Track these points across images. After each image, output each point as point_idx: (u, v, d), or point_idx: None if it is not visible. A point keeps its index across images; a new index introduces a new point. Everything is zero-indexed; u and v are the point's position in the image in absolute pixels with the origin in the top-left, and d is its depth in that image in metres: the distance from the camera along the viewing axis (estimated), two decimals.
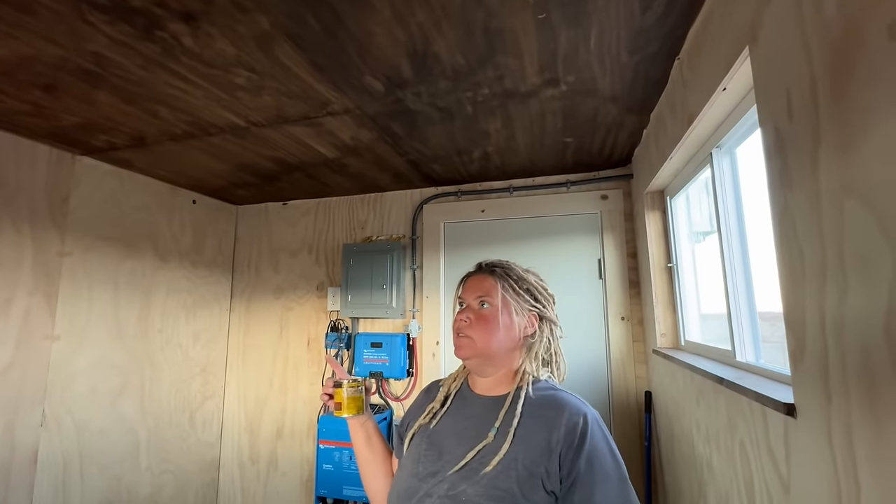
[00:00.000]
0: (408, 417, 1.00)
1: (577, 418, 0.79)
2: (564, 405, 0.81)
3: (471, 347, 0.88)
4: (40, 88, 1.39)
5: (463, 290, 0.95)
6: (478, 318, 0.89)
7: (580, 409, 0.81)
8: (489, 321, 0.88)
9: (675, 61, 1.28)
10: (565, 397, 0.84)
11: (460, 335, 0.90)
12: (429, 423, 0.91)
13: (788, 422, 0.77)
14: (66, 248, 1.90)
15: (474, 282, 0.94)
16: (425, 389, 1.05)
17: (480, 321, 0.89)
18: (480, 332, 0.88)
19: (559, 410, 0.80)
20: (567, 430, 0.77)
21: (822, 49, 0.62)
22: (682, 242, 1.79)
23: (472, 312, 0.90)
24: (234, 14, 1.06)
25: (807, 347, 0.70)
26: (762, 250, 1.19)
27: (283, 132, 1.74)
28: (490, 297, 0.90)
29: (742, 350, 1.22)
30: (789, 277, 0.75)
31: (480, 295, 0.91)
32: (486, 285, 0.91)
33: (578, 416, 0.79)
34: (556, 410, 0.81)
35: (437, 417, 0.91)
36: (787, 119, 0.73)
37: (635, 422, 2.07)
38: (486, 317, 0.89)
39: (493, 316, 0.89)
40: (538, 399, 0.84)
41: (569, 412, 0.80)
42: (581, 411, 0.80)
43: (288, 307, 2.71)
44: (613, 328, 2.16)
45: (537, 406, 0.83)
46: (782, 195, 0.75)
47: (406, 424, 0.98)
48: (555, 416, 0.80)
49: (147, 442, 2.22)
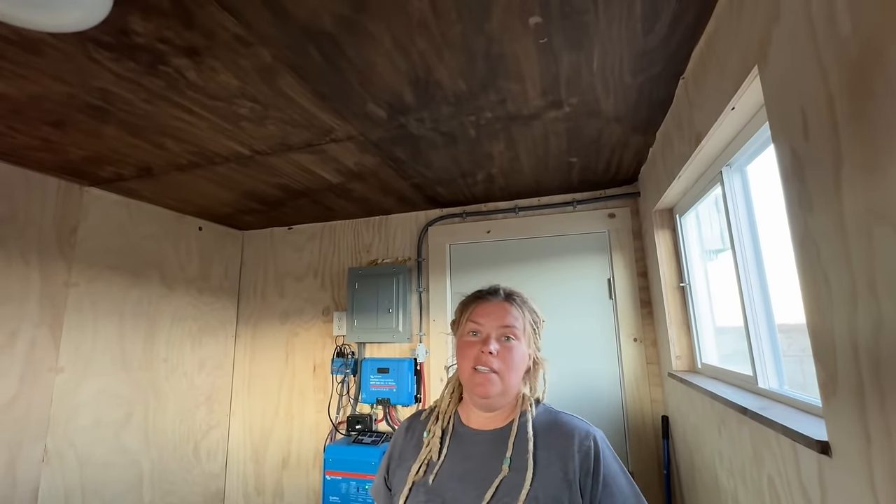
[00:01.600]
0: (392, 461, 0.88)
1: (588, 442, 0.77)
2: (572, 430, 0.79)
3: (496, 384, 0.80)
4: (49, 124, 1.41)
5: (478, 314, 0.84)
6: (505, 353, 0.81)
7: (588, 431, 0.79)
8: (515, 357, 0.82)
9: (680, 81, 1.27)
10: (569, 420, 0.82)
11: (480, 369, 0.80)
12: (425, 476, 0.80)
13: (823, 460, 0.72)
14: (73, 279, 1.90)
15: (495, 308, 0.84)
16: (405, 426, 0.93)
17: (507, 356, 0.81)
18: (506, 368, 0.80)
19: (568, 437, 0.78)
20: (582, 458, 0.75)
21: (838, 67, 0.60)
22: (695, 261, 1.74)
23: (499, 345, 0.82)
24: (236, 48, 1.06)
25: (839, 380, 0.66)
26: (778, 266, 1.15)
27: (287, 160, 1.75)
28: (516, 331, 0.83)
29: (764, 376, 1.16)
30: (815, 305, 0.70)
31: (505, 326, 0.83)
32: (512, 315, 0.84)
33: (589, 440, 0.77)
34: (564, 438, 0.78)
35: (433, 470, 0.80)
36: (803, 139, 0.70)
37: (652, 448, 1.98)
38: (512, 350, 0.82)
39: (519, 352, 0.83)
40: (541, 425, 0.81)
41: (578, 437, 0.78)
42: (590, 434, 0.79)
43: (294, 332, 2.68)
44: (626, 350, 2.10)
45: (543, 434, 0.80)
46: (802, 218, 0.72)
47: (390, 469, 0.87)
48: (565, 444, 0.77)
49: (151, 474, 2.17)
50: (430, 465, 0.81)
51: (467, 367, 0.82)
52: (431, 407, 0.93)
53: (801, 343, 1.16)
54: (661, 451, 1.95)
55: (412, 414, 0.96)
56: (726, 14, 0.94)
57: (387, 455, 0.91)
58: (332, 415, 2.46)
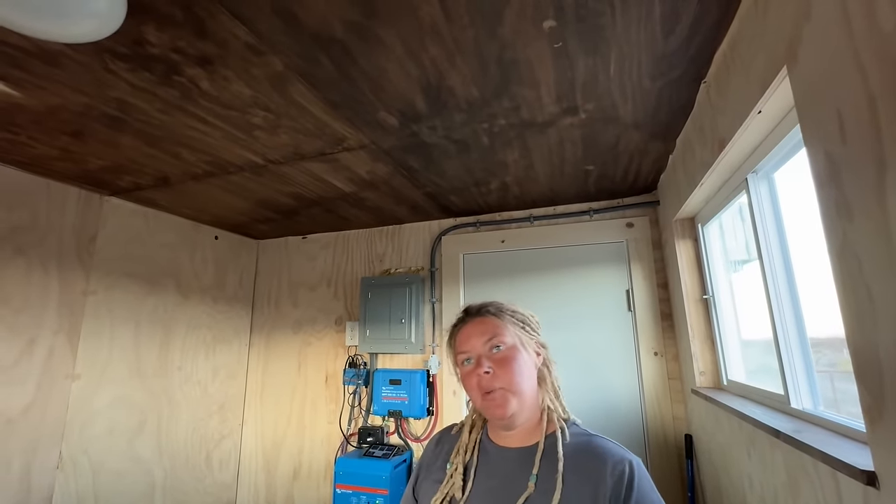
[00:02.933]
0: (421, 473, 0.89)
1: (623, 466, 0.72)
2: (607, 454, 0.74)
3: (511, 401, 0.78)
4: (68, 134, 1.44)
5: (462, 342, 0.84)
6: (498, 364, 0.79)
7: (624, 456, 0.74)
8: (512, 361, 0.80)
9: (702, 85, 1.22)
10: (604, 444, 0.76)
11: (488, 392, 0.79)
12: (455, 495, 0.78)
13: (869, 492, 0.65)
14: (91, 287, 1.93)
15: (473, 328, 0.84)
16: (436, 439, 0.93)
17: (503, 366, 0.79)
18: (510, 379, 0.78)
19: (602, 460, 0.73)
20: (614, 482, 0.70)
21: (879, 65, 0.55)
22: (718, 272, 1.67)
23: (490, 360, 0.80)
24: (248, 57, 1.07)
25: (886, 403, 0.60)
26: (810, 275, 1.08)
27: (300, 168, 1.75)
28: (501, 337, 0.82)
29: (797, 395, 1.08)
30: (856, 321, 0.65)
31: (489, 339, 0.82)
32: (490, 326, 0.83)
33: (623, 464, 0.72)
34: (598, 460, 0.73)
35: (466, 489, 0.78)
36: (840, 143, 0.65)
37: (675, 468, 1.89)
38: (507, 358, 0.80)
39: (514, 355, 0.81)
40: (574, 446, 0.76)
41: (612, 461, 0.72)
42: (625, 458, 0.73)
43: (307, 342, 2.67)
44: (646, 364, 2.02)
45: (575, 455, 0.75)
46: (840, 227, 0.66)
47: (419, 480, 0.88)
48: (598, 467, 0.72)
49: (163, 483, 2.17)
50: (452, 500, 0.78)
51: (477, 396, 0.81)
52: (461, 424, 0.91)
53: (829, 358, 1.09)
54: (685, 472, 1.86)
55: (444, 428, 0.95)
56: (751, 14, 0.90)
57: (417, 466, 0.91)
58: (343, 426, 2.43)
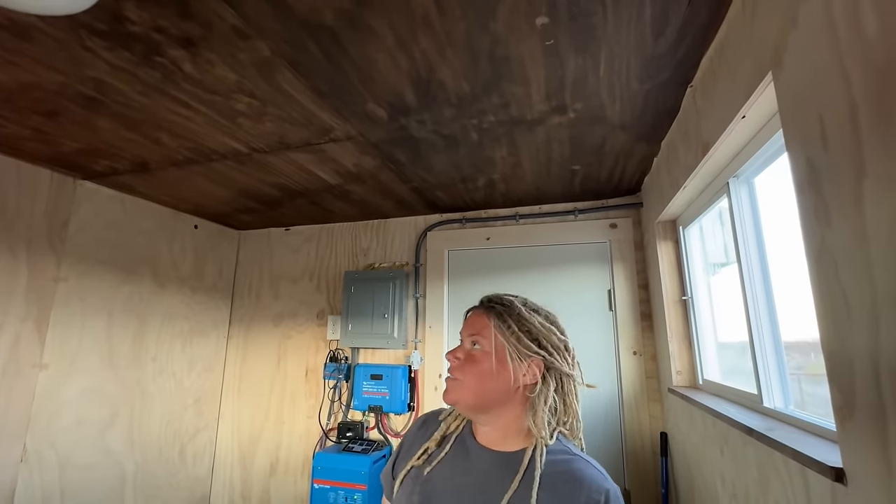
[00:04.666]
0: (402, 451, 0.89)
1: (599, 497, 0.68)
2: (583, 480, 0.70)
3: (456, 392, 0.79)
4: (41, 114, 1.38)
5: (463, 327, 0.86)
6: (467, 360, 0.80)
7: (601, 485, 0.70)
8: (477, 364, 0.78)
9: (688, 89, 1.24)
10: (583, 469, 0.72)
11: (448, 375, 0.83)
12: (422, 465, 0.81)
13: (837, 489, 0.68)
14: (62, 274, 1.86)
15: (471, 318, 0.85)
16: (421, 420, 0.93)
17: (469, 363, 0.79)
18: (469, 376, 0.79)
19: (577, 486, 0.70)
20: None
21: (863, 72, 0.56)
22: (698, 274, 1.70)
23: (463, 352, 0.82)
24: (233, 40, 1.03)
25: (857, 404, 0.62)
26: (782, 281, 1.11)
27: (285, 158, 1.71)
28: (482, 338, 0.80)
29: (769, 395, 1.12)
30: (831, 323, 0.67)
31: (473, 333, 0.82)
32: (480, 323, 0.82)
33: (600, 495, 0.68)
34: (575, 485, 0.70)
35: (432, 462, 0.80)
36: (821, 149, 0.66)
37: (650, 465, 1.93)
38: (476, 359, 0.79)
39: (483, 359, 0.78)
40: (552, 467, 0.73)
41: (587, 490, 0.69)
42: (602, 487, 0.69)
43: (287, 335, 2.63)
44: (625, 363, 2.05)
45: (552, 475, 0.72)
46: (819, 232, 0.68)
47: (398, 458, 0.88)
48: (573, 492, 0.69)
49: (134, 477, 2.11)
50: (430, 456, 0.81)
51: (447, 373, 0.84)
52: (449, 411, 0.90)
53: (797, 361, 1.12)
54: (658, 469, 1.89)
55: (431, 411, 0.94)
56: (739, 19, 0.92)
57: (399, 444, 0.91)
58: (322, 421, 2.40)
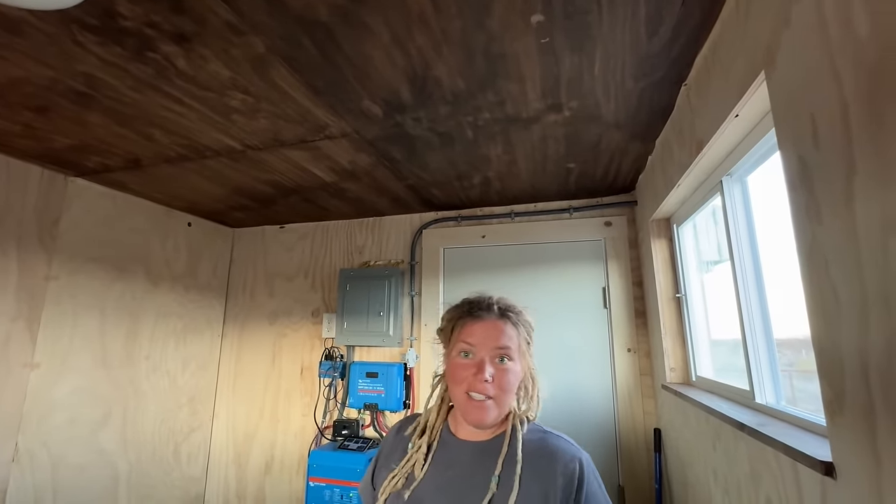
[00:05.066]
0: (380, 460, 0.86)
1: (574, 465, 0.73)
2: (557, 452, 0.75)
3: (492, 412, 0.75)
4: (32, 110, 1.36)
5: (468, 334, 0.78)
6: (500, 377, 0.76)
7: (574, 454, 0.75)
8: (511, 378, 0.76)
9: (682, 87, 1.25)
10: (556, 443, 0.77)
11: (475, 396, 0.74)
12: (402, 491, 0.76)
13: (827, 482, 0.69)
14: (53, 272, 1.84)
15: (489, 328, 0.78)
16: (396, 427, 0.90)
17: (503, 379, 0.75)
18: (503, 393, 0.75)
19: (553, 459, 0.74)
20: (565, 481, 0.72)
21: (854, 71, 0.57)
22: (691, 272, 1.72)
23: (494, 368, 0.76)
24: (227, 36, 1.03)
25: (846, 399, 0.63)
26: (774, 279, 1.13)
27: (279, 156, 1.70)
28: (510, 351, 0.77)
29: (762, 391, 1.13)
30: (822, 320, 0.67)
31: (500, 347, 0.76)
32: (507, 335, 0.78)
33: (574, 463, 0.73)
34: (549, 459, 0.74)
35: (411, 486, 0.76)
36: (812, 147, 0.67)
37: (644, 462, 1.95)
38: (508, 373, 0.76)
39: (515, 373, 0.77)
40: (529, 445, 0.77)
41: (563, 461, 0.74)
42: (576, 457, 0.74)
43: (282, 333, 2.62)
44: (619, 360, 2.06)
45: (530, 454, 0.76)
46: (810, 229, 0.69)
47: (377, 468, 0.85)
48: (549, 465, 0.74)
49: (128, 477, 2.09)
50: (409, 478, 0.77)
51: (460, 392, 0.76)
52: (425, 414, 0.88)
53: (789, 358, 1.14)
54: (652, 465, 1.91)
55: (407, 416, 0.93)
56: (732, 18, 0.92)
57: (377, 453, 0.89)
58: (318, 419, 2.40)
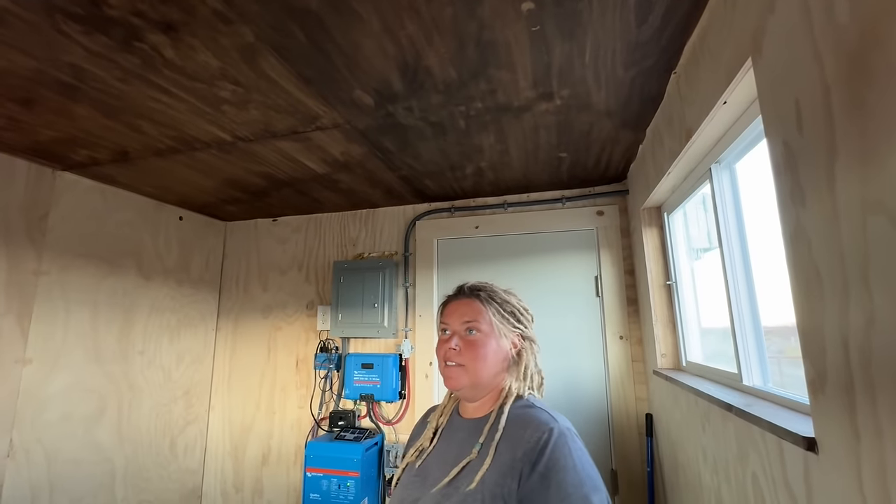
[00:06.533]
0: (409, 444, 0.98)
1: (541, 433, 0.75)
2: (531, 421, 0.78)
3: (462, 377, 0.86)
4: (16, 102, 1.34)
5: (446, 315, 0.91)
6: (467, 345, 0.87)
7: (546, 423, 0.76)
8: (479, 347, 0.86)
9: (672, 75, 1.26)
10: (535, 413, 0.80)
11: (448, 364, 0.87)
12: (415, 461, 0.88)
13: (809, 457, 0.71)
14: (43, 267, 1.82)
15: (458, 306, 0.90)
16: (424, 415, 1.03)
17: (470, 348, 0.86)
18: (471, 360, 0.85)
19: (524, 427, 0.78)
20: (529, 447, 0.74)
21: (835, 56, 0.58)
22: (682, 260, 1.74)
23: (461, 339, 0.87)
24: (216, 25, 1.02)
25: (828, 377, 0.65)
26: (764, 267, 1.15)
27: (271, 147, 1.69)
28: (478, 323, 0.87)
29: (749, 374, 1.16)
30: (805, 301, 0.69)
31: (467, 320, 0.88)
32: (473, 310, 0.88)
33: (542, 431, 0.75)
34: (522, 428, 0.78)
35: (423, 456, 0.88)
36: (797, 132, 0.68)
37: (636, 446, 1.99)
38: (476, 343, 0.86)
39: (483, 342, 0.87)
40: (513, 417, 0.82)
41: (533, 428, 0.76)
42: (547, 426, 0.76)
43: (276, 326, 2.62)
44: (612, 347, 2.09)
45: (509, 424, 0.81)
46: (794, 212, 0.70)
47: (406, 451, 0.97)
48: (520, 433, 0.77)
49: (124, 471, 2.10)
50: (421, 452, 0.88)
51: (441, 363, 0.89)
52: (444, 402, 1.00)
53: (778, 345, 1.17)
54: (644, 449, 1.95)
55: (432, 406, 1.05)
56: (720, 6, 0.93)
57: (409, 440, 1.01)
58: (314, 410, 2.41)
